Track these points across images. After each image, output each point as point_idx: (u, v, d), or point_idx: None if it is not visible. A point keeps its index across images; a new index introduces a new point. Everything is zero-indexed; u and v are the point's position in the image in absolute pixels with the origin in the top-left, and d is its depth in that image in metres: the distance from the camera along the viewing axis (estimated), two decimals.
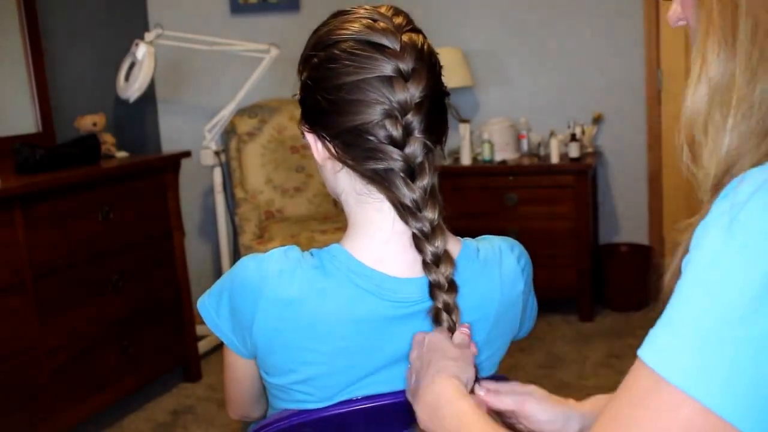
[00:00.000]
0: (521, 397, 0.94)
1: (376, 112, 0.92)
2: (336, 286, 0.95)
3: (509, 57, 4.09)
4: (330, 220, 3.70)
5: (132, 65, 3.26)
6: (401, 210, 0.95)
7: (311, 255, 0.98)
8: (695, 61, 0.66)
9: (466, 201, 3.82)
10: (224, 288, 1.00)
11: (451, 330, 0.95)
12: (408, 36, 0.94)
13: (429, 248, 0.94)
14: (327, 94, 0.94)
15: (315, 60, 0.96)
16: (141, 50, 3.20)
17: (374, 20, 0.94)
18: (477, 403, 0.95)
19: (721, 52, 0.64)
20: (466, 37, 4.08)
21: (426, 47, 0.96)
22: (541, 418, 0.93)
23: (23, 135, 3.03)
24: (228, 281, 1.00)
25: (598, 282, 3.91)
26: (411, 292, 0.96)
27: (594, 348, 3.43)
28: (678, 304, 0.60)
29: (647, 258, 3.91)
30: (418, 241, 0.95)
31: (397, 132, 0.92)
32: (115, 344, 2.89)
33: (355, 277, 0.95)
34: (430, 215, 0.94)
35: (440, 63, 0.99)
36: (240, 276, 0.97)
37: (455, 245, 1.02)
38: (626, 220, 4.08)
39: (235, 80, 3.67)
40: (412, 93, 0.92)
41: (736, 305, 0.56)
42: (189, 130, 3.93)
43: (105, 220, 2.83)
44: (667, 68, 3.88)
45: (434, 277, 0.94)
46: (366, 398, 0.98)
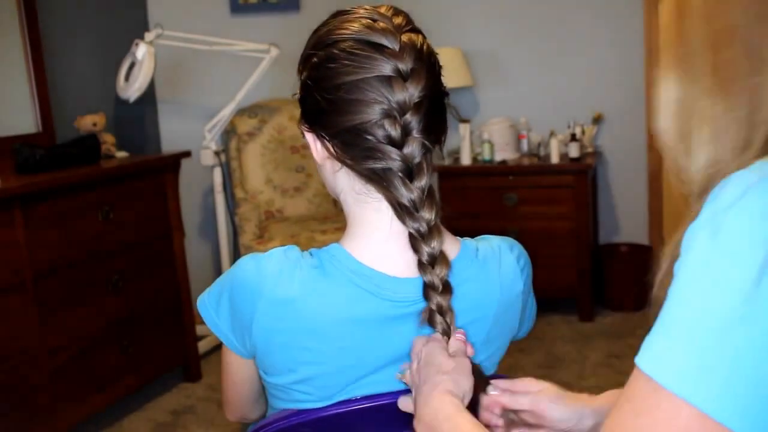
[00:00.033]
0: (536, 396, 0.94)
1: (375, 112, 0.92)
2: (335, 286, 0.95)
3: (509, 57, 4.09)
4: (330, 220, 3.70)
5: (132, 65, 3.26)
6: (399, 210, 0.95)
7: (310, 255, 0.98)
8: (657, 83, 0.67)
9: (466, 201, 3.82)
10: (224, 287, 1.00)
11: (446, 333, 0.94)
12: (407, 36, 0.94)
13: (425, 249, 0.94)
14: (326, 94, 0.94)
15: (314, 60, 0.96)
16: (141, 50, 3.20)
17: (374, 20, 0.94)
18: (488, 405, 0.95)
19: (680, 72, 0.65)
20: (466, 37, 4.08)
21: (425, 47, 0.96)
22: (555, 416, 0.93)
23: (23, 135, 3.03)
24: (227, 281, 1.00)
25: (598, 282, 3.91)
26: (410, 292, 0.96)
27: (594, 348, 3.43)
28: (671, 310, 0.60)
29: (647, 258, 3.90)
30: (415, 241, 0.94)
31: (396, 132, 0.92)
32: (115, 344, 2.89)
33: (355, 277, 0.95)
34: (428, 215, 0.94)
35: (440, 63, 0.98)
36: (239, 276, 0.97)
37: (454, 245, 1.02)
38: (626, 220, 4.08)
39: (235, 80, 3.67)
40: (411, 93, 0.92)
41: (727, 310, 0.56)
42: (189, 130, 3.93)
43: (105, 220, 2.83)
44: None
45: (429, 278, 0.94)
46: (365, 398, 0.98)
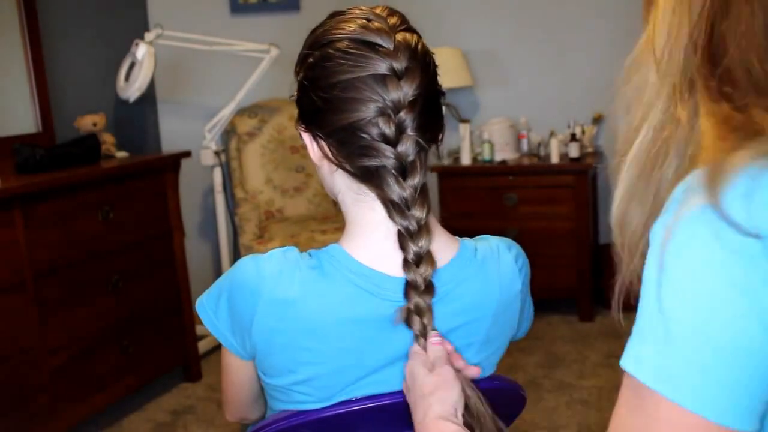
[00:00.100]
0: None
1: (370, 110, 0.92)
2: (335, 286, 0.95)
3: (509, 57, 4.09)
4: (330, 220, 3.70)
5: (132, 65, 3.26)
6: (390, 207, 0.95)
7: (309, 256, 0.98)
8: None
9: (466, 201, 3.82)
10: (223, 289, 1.00)
11: (423, 334, 0.94)
12: (402, 35, 0.95)
13: (412, 247, 0.94)
14: (322, 93, 0.95)
15: (310, 60, 0.97)
16: (141, 50, 3.20)
17: (369, 20, 0.95)
18: (451, 353, 0.95)
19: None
20: (466, 37, 4.08)
21: (420, 47, 0.96)
22: None
23: (23, 135, 3.03)
24: (227, 282, 1.00)
25: (598, 282, 3.90)
26: None
27: (594, 348, 3.43)
28: (641, 312, 0.63)
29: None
30: (402, 239, 0.95)
31: (390, 130, 0.92)
32: (115, 344, 2.89)
33: (354, 277, 0.95)
34: (418, 214, 0.95)
35: (435, 62, 0.99)
36: (239, 277, 0.98)
37: (453, 245, 1.02)
38: None
39: (235, 80, 3.67)
40: (406, 91, 0.92)
41: (697, 309, 0.58)
42: (189, 130, 3.93)
43: (105, 220, 2.83)
44: None
45: (412, 277, 0.94)
46: (365, 398, 0.98)
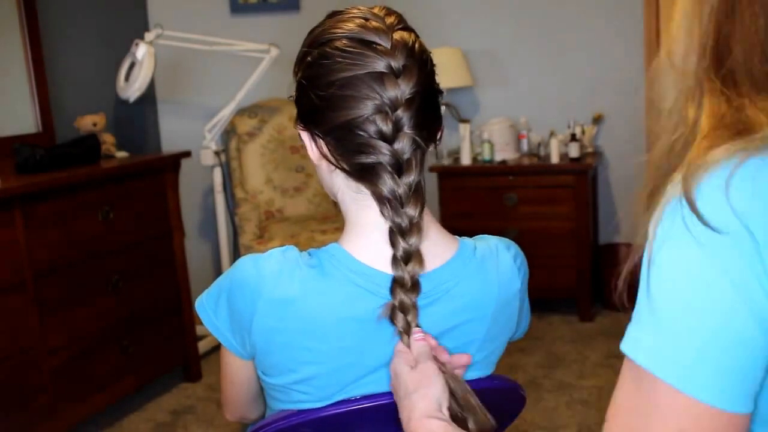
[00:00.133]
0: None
1: (367, 108, 0.92)
2: (335, 285, 0.95)
3: (509, 57, 4.09)
4: (330, 220, 3.70)
5: (132, 65, 3.26)
6: (383, 203, 0.95)
7: (309, 255, 0.98)
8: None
9: (466, 201, 3.82)
10: (222, 289, 1.00)
11: (406, 332, 0.94)
12: (399, 34, 0.95)
13: (402, 244, 0.94)
14: (320, 91, 0.95)
15: (309, 59, 0.98)
16: (141, 50, 3.20)
17: (367, 19, 0.96)
18: (434, 348, 0.95)
19: None
20: (466, 37, 4.08)
21: (417, 45, 0.97)
22: None
23: (23, 135, 3.03)
24: (226, 282, 1.00)
25: (598, 282, 3.90)
26: None
27: (594, 348, 3.43)
28: (638, 299, 0.66)
29: None
30: (393, 236, 0.95)
31: (387, 127, 0.93)
32: (115, 344, 2.89)
33: (354, 276, 0.96)
34: (411, 212, 0.95)
35: (432, 61, 1.00)
36: (238, 276, 0.98)
37: (452, 244, 1.02)
38: (626, 220, 4.07)
39: (235, 80, 3.67)
40: (403, 89, 0.93)
41: (671, 311, 0.60)
42: (189, 130, 3.93)
43: (105, 220, 2.83)
44: None
45: (399, 274, 0.94)
46: (365, 398, 0.98)
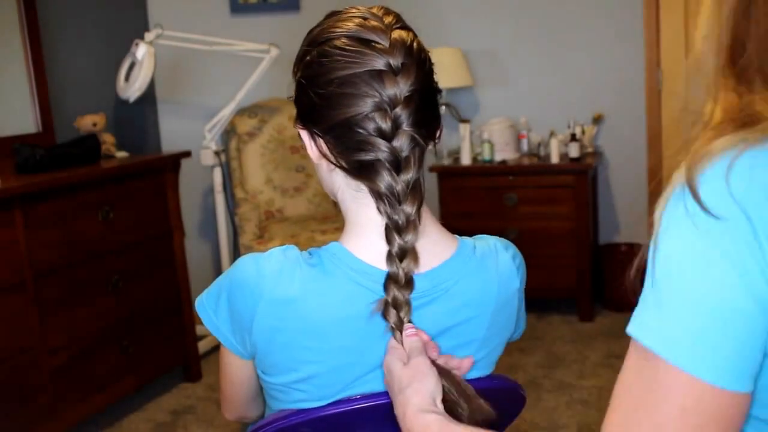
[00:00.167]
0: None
1: (367, 105, 0.93)
2: (336, 284, 0.95)
3: (509, 57, 4.09)
4: (330, 220, 3.70)
5: (132, 65, 3.26)
6: (380, 200, 0.95)
7: (309, 254, 0.98)
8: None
9: (466, 201, 3.82)
10: (222, 288, 1.00)
11: (398, 328, 0.95)
12: (397, 33, 0.96)
13: (398, 240, 0.94)
14: (319, 89, 0.95)
15: (308, 58, 0.98)
16: (141, 50, 3.20)
17: (365, 19, 0.97)
18: (427, 343, 0.95)
19: None
20: (466, 37, 4.08)
21: (415, 44, 0.97)
22: None
23: (23, 135, 3.03)
24: (226, 281, 1.00)
25: (598, 282, 3.90)
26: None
27: (594, 348, 3.43)
28: (645, 282, 0.69)
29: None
30: (389, 232, 0.95)
31: (386, 124, 0.93)
32: (115, 344, 2.89)
33: (355, 275, 0.96)
34: (408, 209, 0.95)
35: (431, 60, 1.00)
36: (239, 276, 0.98)
37: (452, 242, 1.02)
38: (626, 220, 4.08)
39: (235, 80, 3.67)
40: (402, 87, 0.93)
41: (674, 294, 0.64)
42: (189, 130, 3.93)
43: (105, 220, 2.83)
44: (667, 68, 3.87)
45: (393, 270, 0.94)
46: (364, 397, 0.98)
